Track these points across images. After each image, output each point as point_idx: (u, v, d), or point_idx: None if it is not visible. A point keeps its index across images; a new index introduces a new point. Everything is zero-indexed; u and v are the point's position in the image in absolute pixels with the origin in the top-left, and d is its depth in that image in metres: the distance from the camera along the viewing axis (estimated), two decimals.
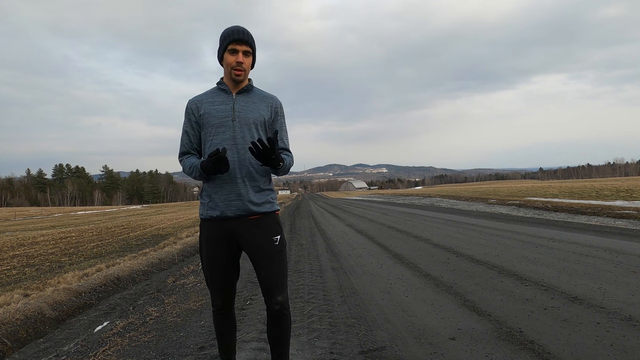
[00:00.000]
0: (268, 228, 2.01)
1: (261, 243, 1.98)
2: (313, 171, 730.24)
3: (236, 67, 1.95)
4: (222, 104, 2.01)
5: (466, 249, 6.26)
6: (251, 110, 2.02)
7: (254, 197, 1.98)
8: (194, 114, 2.04)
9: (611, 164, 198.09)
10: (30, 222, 29.37)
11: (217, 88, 2.06)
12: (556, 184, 49.05)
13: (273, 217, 2.05)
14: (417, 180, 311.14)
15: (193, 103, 2.05)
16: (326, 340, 2.80)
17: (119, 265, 6.45)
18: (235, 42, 1.93)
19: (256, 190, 2.00)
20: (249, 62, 1.99)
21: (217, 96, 2.04)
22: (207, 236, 2.02)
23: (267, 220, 2.02)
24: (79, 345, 3.22)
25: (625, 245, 5.90)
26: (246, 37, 1.95)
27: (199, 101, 2.05)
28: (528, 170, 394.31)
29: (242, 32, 1.94)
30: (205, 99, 2.04)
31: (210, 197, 1.99)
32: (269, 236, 2.00)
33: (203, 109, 2.02)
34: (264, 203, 2.01)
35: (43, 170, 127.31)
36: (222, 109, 2.00)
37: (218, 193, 1.96)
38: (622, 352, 2.37)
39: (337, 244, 7.86)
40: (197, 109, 2.03)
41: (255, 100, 2.05)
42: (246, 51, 1.96)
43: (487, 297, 3.61)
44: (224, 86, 2.04)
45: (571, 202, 15.53)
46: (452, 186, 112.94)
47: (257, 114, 2.02)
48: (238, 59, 1.94)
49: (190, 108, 2.05)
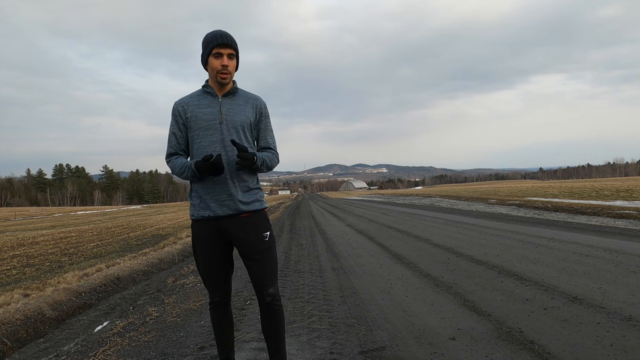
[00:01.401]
0: (258, 225, 2.07)
1: (252, 240, 2.04)
2: (313, 171, 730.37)
3: (222, 70, 1.99)
4: (208, 107, 2.05)
5: (466, 249, 6.26)
6: (237, 112, 2.06)
7: (243, 196, 2.04)
8: (180, 116, 2.07)
9: (611, 164, 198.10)
10: (30, 222, 29.37)
11: (203, 91, 2.09)
12: (556, 184, 49.05)
13: (262, 214, 2.12)
14: (417, 180, 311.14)
15: (180, 105, 2.08)
16: (326, 340, 2.81)
17: (119, 265, 6.45)
18: (219, 46, 1.97)
19: (245, 190, 2.05)
20: (233, 64, 2.03)
21: (204, 99, 2.07)
22: (200, 236, 2.08)
23: (257, 217, 2.08)
24: (79, 345, 3.22)
25: (625, 245, 5.90)
26: (229, 40, 1.99)
27: (185, 104, 2.08)
28: (528, 170, 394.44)
29: (225, 36, 1.98)
30: (192, 101, 2.07)
31: (201, 198, 2.04)
32: (259, 233, 2.07)
33: (190, 111, 2.05)
34: (253, 202, 2.07)
35: (43, 170, 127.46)
36: (209, 112, 2.04)
37: (209, 194, 2.01)
38: (622, 352, 2.37)
39: (337, 244, 7.86)
40: (184, 112, 2.06)
41: (241, 103, 2.10)
42: (230, 54, 2.01)
43: (487, 297, 3.61)
44: (209, 89, 2.07)
45: (571, 202, 15.53)
46: (452, 186, 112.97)
47: (244, 117, 2.07)
48: (223, 62, 1.98)
49: (177, 110, 2.08)
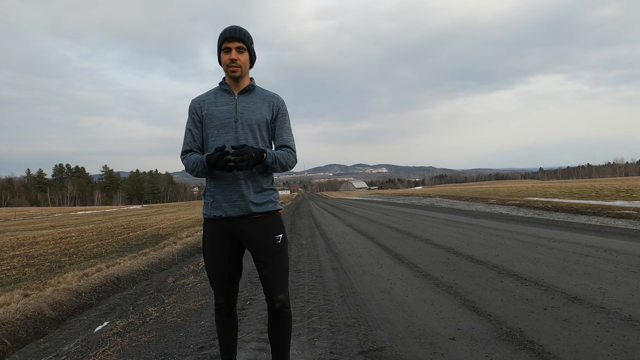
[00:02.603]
0: (270, 227, 2.03)
1: (264, 242, 2.00)
2: (313, 171, 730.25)
3: (230, 64, 1.97)
4: (224, 104, 2.03)
5: (466, 249, 6.26)
6: (253, 111, 2.03)
7: (256, 197, 2.00)
8: (197, 114, 2.06)
9: (611, 164, 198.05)
10: (30, 222, 29.36)
11: (220, 88, 2.08)
12: (556, 184, 49.04)
13: (275, 216, 2.07)
14: (417, 180, 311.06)
15: (196, 103, 2.08)
16: (326, 340, 2.80)
17: (119, 265, 6.45)
18: (227, 40, 1.96)
19: (258, 190, 2.02)
20: (244, 58, 1.99)
21: (220, 97, 2.05)
22: (211, 235, 2.05)
23: (270, 219, 2.04)
24: (79, 345, 3.22)
25: (625, 245, 5.90)
26: (237, 33, 1.96)
27: (202, 101, 2.07)
28: (528, 170, 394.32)
29: (233, 29, 1.96)
30: (208, 99, 2.06)
31: (214, 197, 2.01)
32: (271, 235, 2.02)
33: (206, 109, 2.04)
34: (266, 203, 2.03)
35: (43, 170, 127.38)
36: (224, 109, 2.02)
37: (222, 193, 1.99)
38: (622, 352, 2.37)
39: (337, 244, 7.86)
40: (200, 109, 2.05)
41: (257, 101, 2.07)
42: (239, 47, 1.97)
43: (487, 297, 3.61)
44: (226, 86, 2.05)
45: (571, 202, 15.52)
46: (452, 186, 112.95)
47: (259, 115, 2.04)
48: (231, 56, 1.96)
49: (193, 107, 2.07)
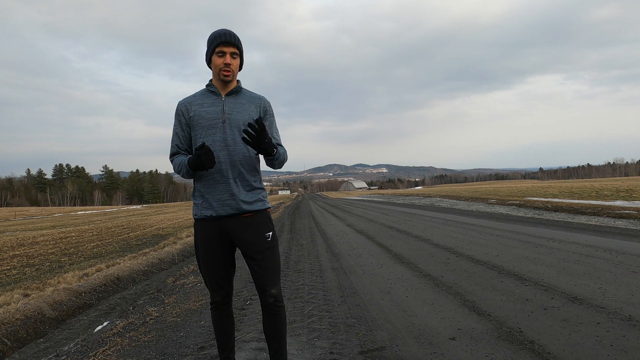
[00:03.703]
0: (260, 225, 2.06)
1: (254, 240, 2.03)
2: (313, 171, 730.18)
3: (224, 68, 1.99)
4: (211, 105, 2.05)
5: (466, 249, 6.26)
6: (240, 112, 2.06)
7: (246, 196, 2.03)
8: (184, 116, 2.07)
9: (611, 164, 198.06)
10: (30, 222, 29.36)
11: (207, 90, 2.10)
12: (556, 184, 49.03)
13: (265, 214, 2.11)
14: (417, 180, 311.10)
15: (183, 105, 2.09)
16: (326, 340, 2.81)
17: (119, 265, 6.45)
18: (222, 44, 1.98)
19: (248, 189, 2.05)
20: (236, 63, 2.04)
21: (207, 98, 2.07)
22: (202, 235, 2.07)
23: (259, 217, 2.07)
24: (79, 345, 3.22)
25: (625, 245, 5.90)
26: (233, 39, 1.99)
27: (188, 103, 2.08)
28: (528, 170, 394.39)
29: (229, 34, 1.99)
30: (195, 100, 2.08)
31: (204, 197, 2.04)
32: (262, 233, 2.06)
33: (193, 110, 2.05)
34: (256, 201, 2.06)
35: (43, 170, 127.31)
36: (212, 110, 2.04)
37: (211, 193, 2.01)
38: (622, 352, 2.37)
39: (337, 244, 7.86)
40: (187, 111, 2.07)
41: (244, 102, 2.09)
42: (233, 53, 2.01)
43: (487, 297, 3.61)
44: (213, 88, 2.07)
45: (571, 202, 15.53)
46: (452, 186, 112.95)
47: (247, 116, 2.06)
48: (226, 60, 1.99)
49: (180, 110, 2.09)
